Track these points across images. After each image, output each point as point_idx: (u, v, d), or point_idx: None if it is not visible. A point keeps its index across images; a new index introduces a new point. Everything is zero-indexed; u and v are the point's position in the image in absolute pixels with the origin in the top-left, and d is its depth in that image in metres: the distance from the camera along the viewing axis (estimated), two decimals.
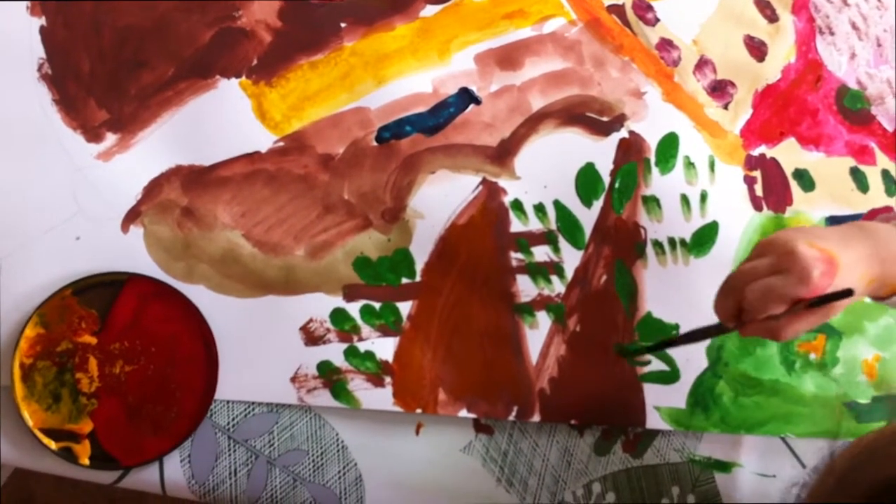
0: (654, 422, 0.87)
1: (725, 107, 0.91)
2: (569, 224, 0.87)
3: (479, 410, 0.84)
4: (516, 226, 0.86)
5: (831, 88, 0.93)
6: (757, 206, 0.90)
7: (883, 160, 0.93)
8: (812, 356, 0.90)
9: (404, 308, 0.84)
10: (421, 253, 0.85)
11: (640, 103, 0.89)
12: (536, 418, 0.85)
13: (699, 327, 0.75)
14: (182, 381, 0.80)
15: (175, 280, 0.81)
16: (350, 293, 0.84)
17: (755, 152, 0.91)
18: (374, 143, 0.85)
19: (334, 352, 0.83)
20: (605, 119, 0.89)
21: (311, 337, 0.83)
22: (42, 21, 0.83)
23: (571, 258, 0.87)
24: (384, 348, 0.83)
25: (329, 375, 0.82)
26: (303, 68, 0.85)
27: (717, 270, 0.88)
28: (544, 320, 0.86)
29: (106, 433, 0.78)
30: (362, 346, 0.83)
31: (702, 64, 0.91)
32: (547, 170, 0.87)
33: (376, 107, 0.86)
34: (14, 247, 0.80)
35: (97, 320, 0.79)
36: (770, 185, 0.91)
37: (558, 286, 0.87)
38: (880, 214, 0.89)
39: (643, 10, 0.91)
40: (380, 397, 0.83)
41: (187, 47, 0.84)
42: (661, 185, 0.89)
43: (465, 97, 0.87)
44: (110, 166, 0.82)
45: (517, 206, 0.86)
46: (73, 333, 0.79)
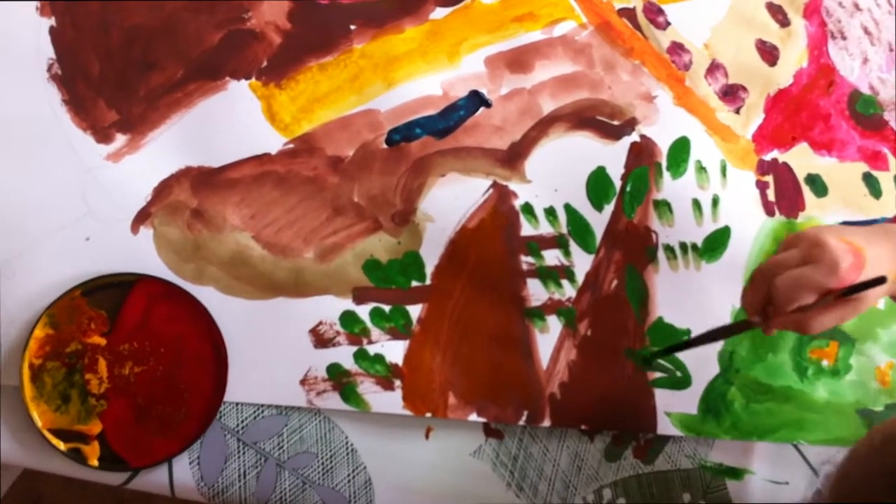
0: (665, 427, 0.86)
1: (737, 111, 0.91)
2: (579, 228, 0.87)
3: (489, 415, 0.84)
4: (527, 229, 0.86)
5: (843, 93, 0.93)
6: (769, 211, 0.90)
7: None
8: (825, 363, 0.89)
9: (414, 311, 0.84)
10: (431, 256, 0.85)
11: (651, 107, 0.89)
12: (547, 423, 0.84)
13: (721, 325, 0.75)
14: (191, 382, 0.80)
15: (184, 281, 0.81)
16: (360, 296, 0.83)
17: (767, 157, 0.91)
18: (384, 146, 0.85)
19: (344, 354, 0.82)
20: (615, 123, 0.88)
21: (320, 339, 0.82)
22: (52, 21, 0.83)
23: (582, 262, 0.87)
24: (394, 351, 0.83)
25: (339, 378, 0.82)
26: (312, 70, 0.85)
27: (728, 276, 0.88)
28: (555, 324, 0.86)
29: (115, 434, 0.78)
30: (372, 349, 0.83)
31: (713, 68, 0.91)
32: (558, 173, 0.87)
33: (386, 109, 0.86)
34: (24, 247, 0.80)
35: (106, 321, 0.79)
36: (782, 190, 0.91)
37: (569, 290, 0.86)
38: None
39: (654, 13, 0.90)
40: (389, 400, 0.82)
41: (196, 48, 0.85)
42: (673, 189, 0.88)
43: (476, 100, 0.87)
44: (120, 167, 0.82)
45: (528, 209, 0.86)
46: (82, 334, 0.79)
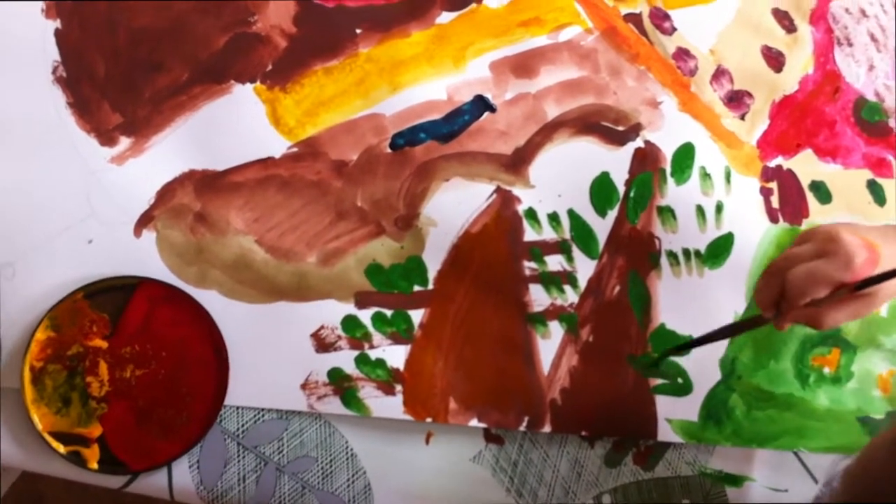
0: (666, 434, 0.86)
1: (742, 117, 0.91)
2: (583, 233, 0.87)
3: (490, 420, 0.84)
4: (530, 235, 0.86)
5: (849, 100, 0.93)
6: (773, 217, 0.90)
7: None
8: (826, 370, 0.89)
9: (416, 316, 0.84)
10: (434, 261, 0.84)
11: (656, 113, 0.89)
12: (547, 429, 0.84)
13: (733, 322, 0.74)
14: (192, 386, 0.80)
15: (187, 285, 0.81)
16: (362, 300, 0.83)
17: (772, 163, 0.90)
18: (388, 150, 0.85)
19: (345, 359, 0.82)
20: (620, 128, 0.88)
21: (322, 344, 0.82)
22: (57, 23, 0.83)
23: (585, 268, 0.87)
24: (395, 356, 0.83)
25: (339, 383, 0.82)
26: (317, 74, 0.85)
27: (731, 282, 0.88)
28: (557, 330, 0.86)
29: (115, 437, 0.78)
30: (373, 354, 0.83)
31: (719, 74, 0.91)
32: (561, 178, 0.87)
33: (391, 113, 0.85)
34: (26, 249, 0.80)
35: (108, 324, 0.79)
36: (786, 196, 0.90)
37: (571, 296, 0.86)
38: None
39: (660, 18, 0.90)
40: (390, 405, 0.82)
41: (202, 51, 0.84)
42: (677, 195, 0.88)
43: (480, 105, 0.86)
44: (123, 170, 0.82)
45: (531, 214, 0.86)
46: (83, 337, 0.79)
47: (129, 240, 0.81)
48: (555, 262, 0.86)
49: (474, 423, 0.83)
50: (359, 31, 0.86)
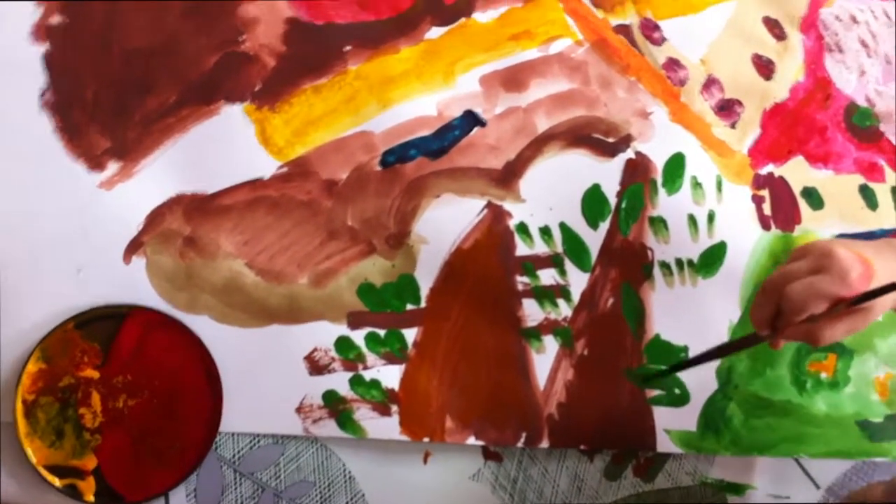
0: (665, 445, 0.86)
1: (733, 126, 0.90)
2: (575, 246, 0.86)
3: (488, 437, 0.83)
4: (522, 249, 0.85)
5: (840, 106, 0.92)
6: (765, 225, 0.89)
7: (892, 177, 0.92)
8: (823, 376, 0.89)
9: (410, 335, 0.83)
10: (426, 278, 0.84)
11: (647, 124, 0.88)
12: (545, 444, 0.84)
13: (728, 341, 0.74)
14: (186, 413, 0.79)
15: (178, 310, 0.80)
16: (354, 321, 0.83)
17: (763, 171, 0.90)
18: (379, 168, 0.84)
19: (339, 381, 0.82)
20: (611, 140, 0.88)
21: (315, 366, 0.82)
22: (46, 47, 0.82)
23: (578, 281, 0.86)
24: (390, 376, 0.83)
25: (335, 405, 0.81)
26: (307, 93, 0.84)
27: (725, 291, 0.88)
28: (551, 344, 0.85)
29: (110, 469, 0.78)
30: (368, 375, 0.82)
31: (709, 83, 0.90)
32: (552, 192, 0.86)
33: (380, 130, 0.85)
34: (15, 279, 0.79)
35: (99, 353, 0.79)
36: (778, 203, 0.90)
37: (565, 310, 0.86)
38: None
39: (650, 29, 0.90)
40: (386, 426, 0.82)
41: (192, 70, 0.83)
42: (668, 205, 0.88)
43: (470, 119, 0.86)
44: (112, 195, 0.81)
45: (522, 229, 0.85)
46: (75, 368, 0.78)
47: (118, 266, 0.81)
48: (547, 276, 0.86)
49: (472, 440, 0.83)
50: (348, 48, 0.85)
